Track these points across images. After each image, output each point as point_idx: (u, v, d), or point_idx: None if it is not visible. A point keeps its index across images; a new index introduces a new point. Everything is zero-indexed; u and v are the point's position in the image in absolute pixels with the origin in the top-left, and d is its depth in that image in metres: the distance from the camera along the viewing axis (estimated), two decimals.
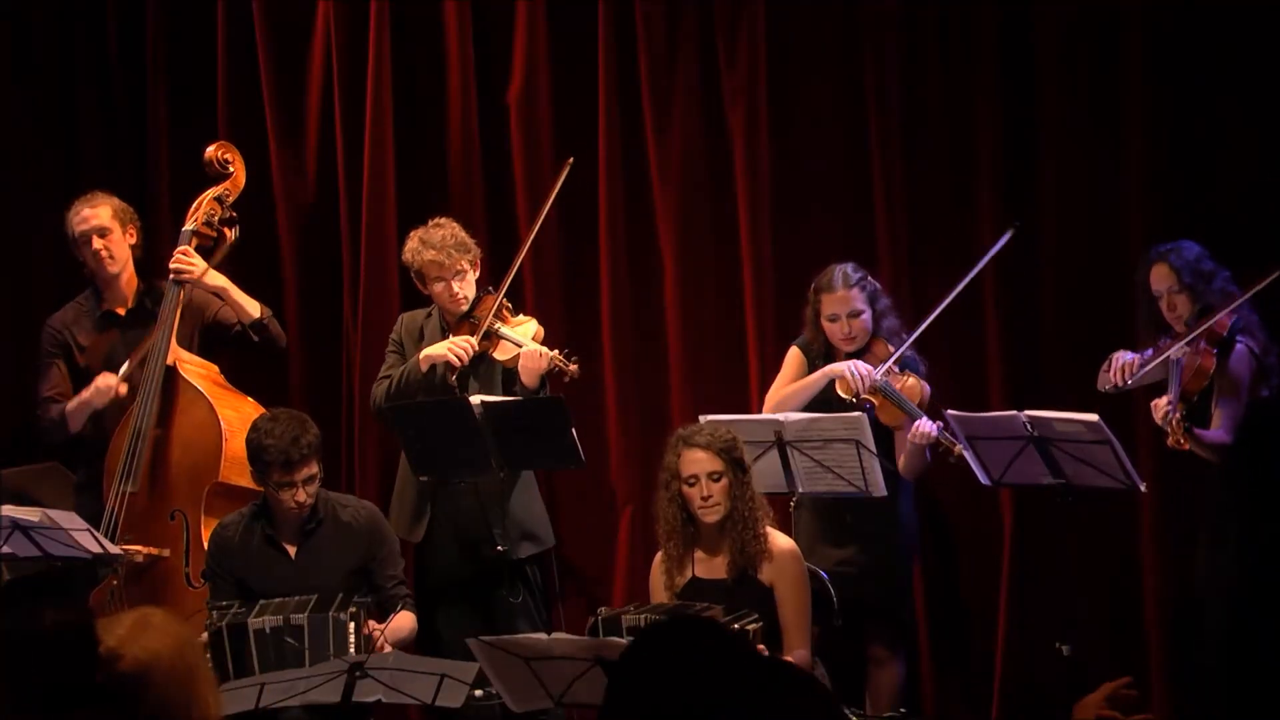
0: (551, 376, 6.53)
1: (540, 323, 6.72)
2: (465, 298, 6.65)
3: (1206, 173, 6.93)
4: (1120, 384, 6.32)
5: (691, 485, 5.79)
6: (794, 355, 6.69)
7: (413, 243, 6.70)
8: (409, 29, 7.55)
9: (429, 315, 6.80)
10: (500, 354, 6.59)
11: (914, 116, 7.18)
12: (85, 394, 6.67)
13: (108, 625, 3.77)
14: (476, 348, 6.55)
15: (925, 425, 6.35)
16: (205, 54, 7.69)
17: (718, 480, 5.77)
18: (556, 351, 6.46)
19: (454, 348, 6.54)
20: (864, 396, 6.43)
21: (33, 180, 7.75)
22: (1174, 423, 6.05)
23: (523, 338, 6.56)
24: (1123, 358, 6.33)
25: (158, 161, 7.71)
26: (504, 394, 6.61)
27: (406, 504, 6.72)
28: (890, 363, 6.47)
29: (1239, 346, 6.26)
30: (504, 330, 6.60)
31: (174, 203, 7.54)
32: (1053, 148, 7.07)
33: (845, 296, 6.56)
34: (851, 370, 6.45)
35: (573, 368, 6.43)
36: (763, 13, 7.25)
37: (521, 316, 6.71)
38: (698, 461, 5.79)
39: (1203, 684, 6.20)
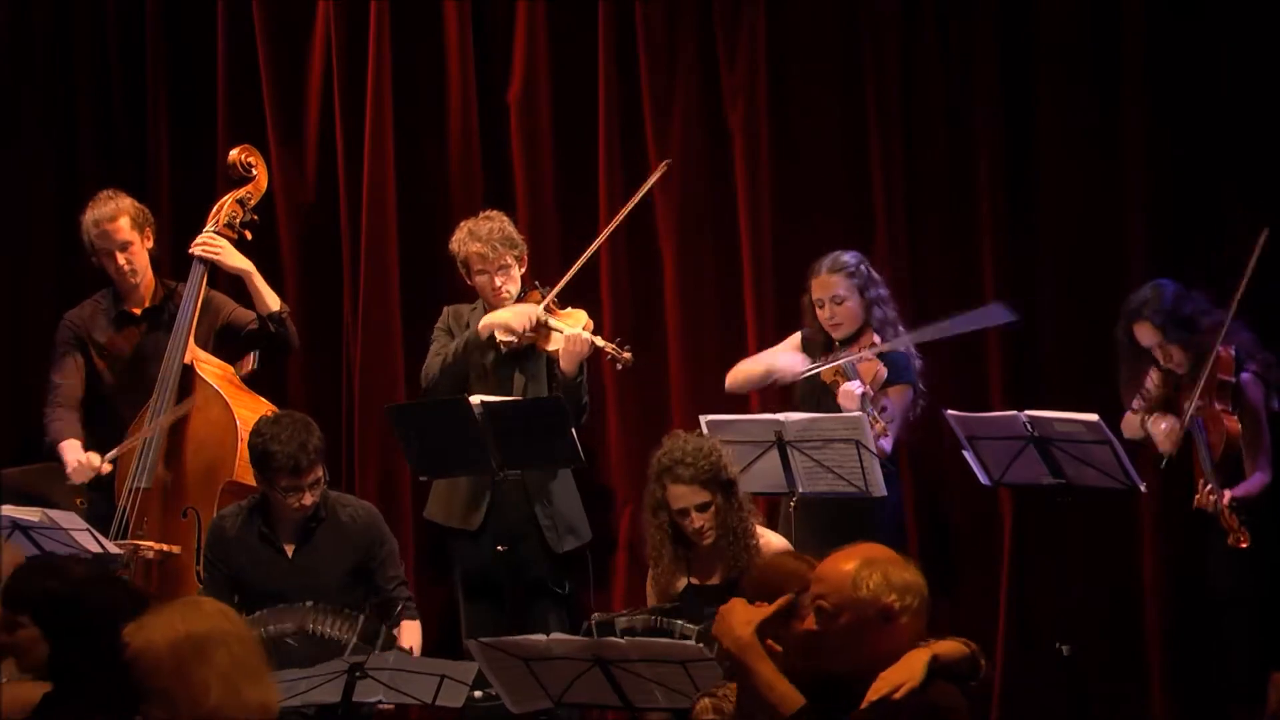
0: (605, 365, 6.60)
1: None
2: (509, 293, 6.67)
3: (1207, 173, 6.94)
4: (1171, 451, 6.28)
5: (682, 518, 5.78)
6: (792, 338, 6.72)
7: (461, 233, 6.72)
8: (409, 29, 7.55)
9: (474, 309, 6.81)
10: (548, 345, 6.62)
11: (914, 117, 7.18)
12: (68, 457, 6.64)
13: (155, 609, 3.93)
14: (539, 318, 6.56)
15: (851, 385, 6.37)
16: (205, 54, 7.69)
17: (706, 510, 5.76)
18: (608, 341, 6.52)
19: (517, 316, 6.55)
20: (834, 379, 6.44)
21: (33, 180, 7.75)
22: (1225, 512, 6.10)
23: (569, 326, 6.58)
24: (1162, 424, 6.31)
25: (158, 161, 7.70)
26: (549, 387, 6.64)
27: (460, 491, 6.71)
28: (848, 359, 6.47)
29: (1245, 376, 6.29)
30: (552, 321, 6.61)
31: (174, 203, 7.55)
32: (1053, 148, 7.08)
33: (828, 281, 6.59)
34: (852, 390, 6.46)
35: (626, 355, 6.50)
36: (763, 13, 7.25)
37: (570, 310, 6.73)
38: (683, 496, 5.77)
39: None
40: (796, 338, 6.74)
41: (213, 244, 6.80)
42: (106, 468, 6.61)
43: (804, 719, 3.93)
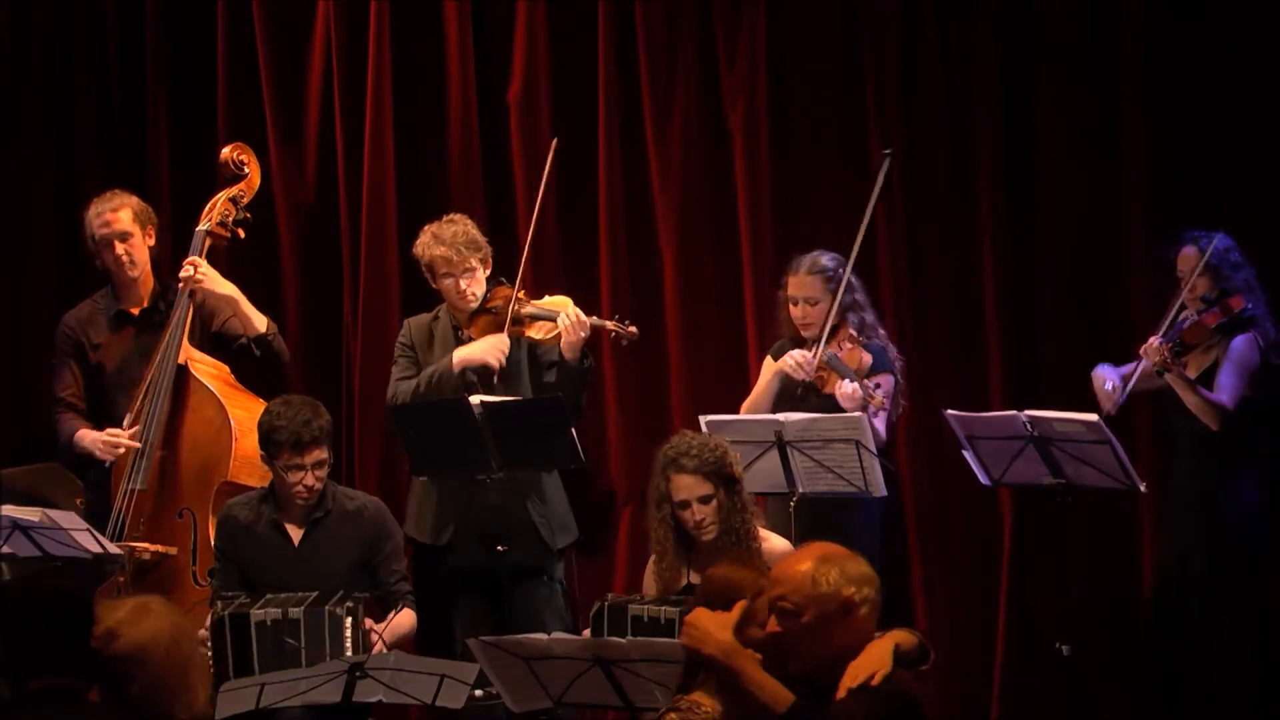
0: (609, 343, 6.59)
1: None
2: (474, 295, 6.66)
3: (1207, 172, 6.94)
4: (1114, 394, 6.33)
5: (683, 509, 5.79)
6: (766, 365, 6.74)
7: (425, 237, 6.71)
8: (409, 29, 7.55)
9: (435, 318, 6.79)
10: (538, 334, 6.60)
11: (914, 117, 7.19)
12: (89, 444, 6.66)
13: (108, 607, 3.89)
14: (507, 346, 6.55)
15: (846, 386, 6.36)
16: (205, 54, 7.69)
17: (708, 502, 5.76)
18: (608, 319, 6.52)
19: (491, 352, 6.53)
20: (816, 374, 6.44)
21: (33, 180, 7.75)
22: (1165, 347, 6.18)
23: (557, 309, 6.57)
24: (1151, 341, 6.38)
25: (158, 161, 7.70)
26: (533, 382, 6.63)
27: (428, 510, 6.73)
28: (820, 347, 6.46)
29: (1249, 333, 6.32)
30: (531, 310, 6.60)
31: (174, 203, 7.55)
32: (1053, 148, 7.08)
33: (804, 281, 6.59)
34: (789, 362, 6.46)
35: (631, 329, 6.50)
36: (763, 13, 7.26)
37: (547, 297, 6.72)
38: (686, 487, 5.78)
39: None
40: (768, 362, 6.73)
41: (199, 274, 6.76)
42: (130, 431, 6.60)
43: (798, 715, 3.98)
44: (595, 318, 6.55)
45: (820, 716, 3.98)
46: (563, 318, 6.50)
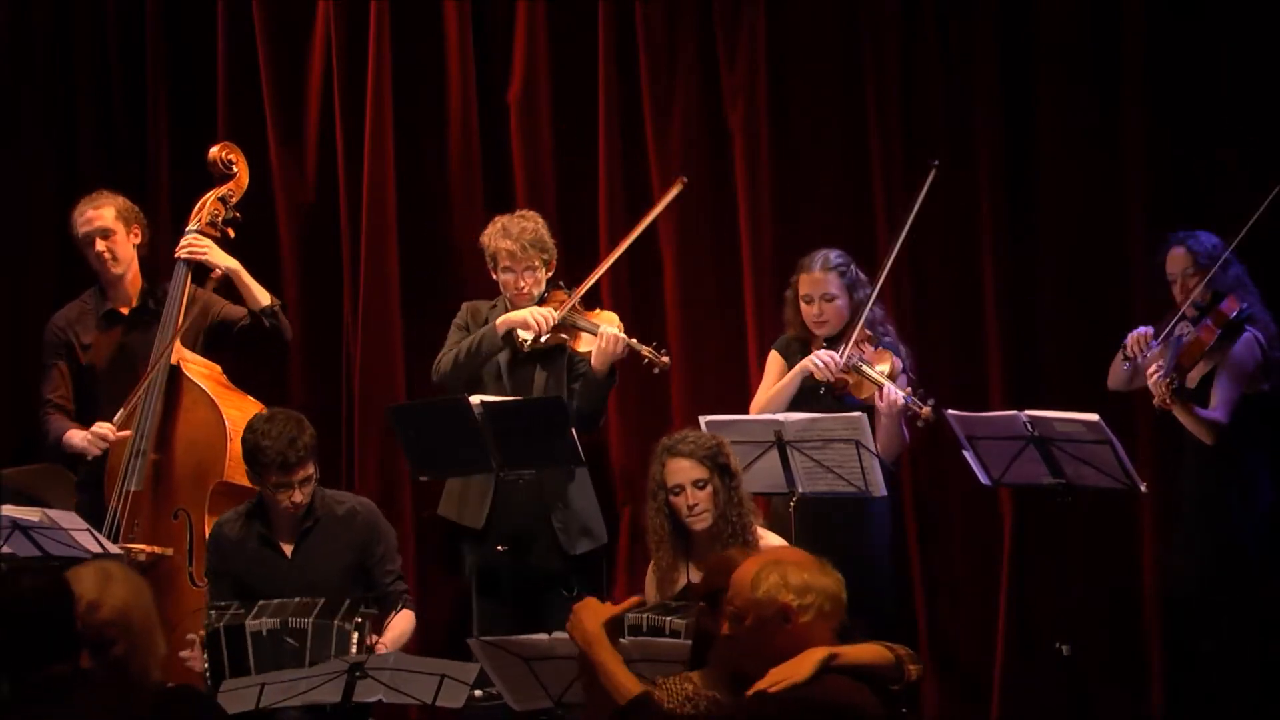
0: (640, 368, 6.58)
1: None
2: (530, 295, 6.67)
3: (1208, 171, 6.94)
4: (1134, 355, 6.32)
5: (677, 494, 5.79)
6: (773, 359, 6.71)
7: (494, 228, 6.72)
8: (409, 29, 7.55)
9: (494, 306, 6.80)
10: (579, 345, 6.62)
11: (914, 117, 7.19)
12: (79, 441, 6.67)
13: (73, 579, 4.01)
14: (556, 319, 6.57)
15: (892, 392, 6.35)
16: (205, 54, 7.69)
17: (702, 488, 5.77)
18: (643, 345, 6.51)
19: (535, 314, 6.56)
20: (839, 377, 6.43)
21: (32, 180, 7.75)
22: (1164, 385, 6.13)
23: (601, 324, 6.59)
24: (1138, 331, 6.36)
25: (158, 161, 7.71)
26: (568, 389, 6.64)
27: (471, 489, 6.69)
28: (849, 346, 6.45)
29: (1247, 334, 6.31)
30: (580, 321, 6.61)
31: (174, 203, 7.54)
32: (1053, 148, 7.08)
33: (820, 279, 6.57)
34: (817, 362, 6.45)
35: (664, 359, 6.51)
36: (763, 13, 7.27)
37: (599, 310, 6.73)
38: (681, 470, 5.79)
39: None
40: (774, 356, 6.71)
41: (197, 244, 6.77)
42: (121, 434, 6.60)
43: (637, 707, 4.06)
44: (635, 340, 6.55)
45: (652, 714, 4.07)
46: (604, 329, 6.51)
